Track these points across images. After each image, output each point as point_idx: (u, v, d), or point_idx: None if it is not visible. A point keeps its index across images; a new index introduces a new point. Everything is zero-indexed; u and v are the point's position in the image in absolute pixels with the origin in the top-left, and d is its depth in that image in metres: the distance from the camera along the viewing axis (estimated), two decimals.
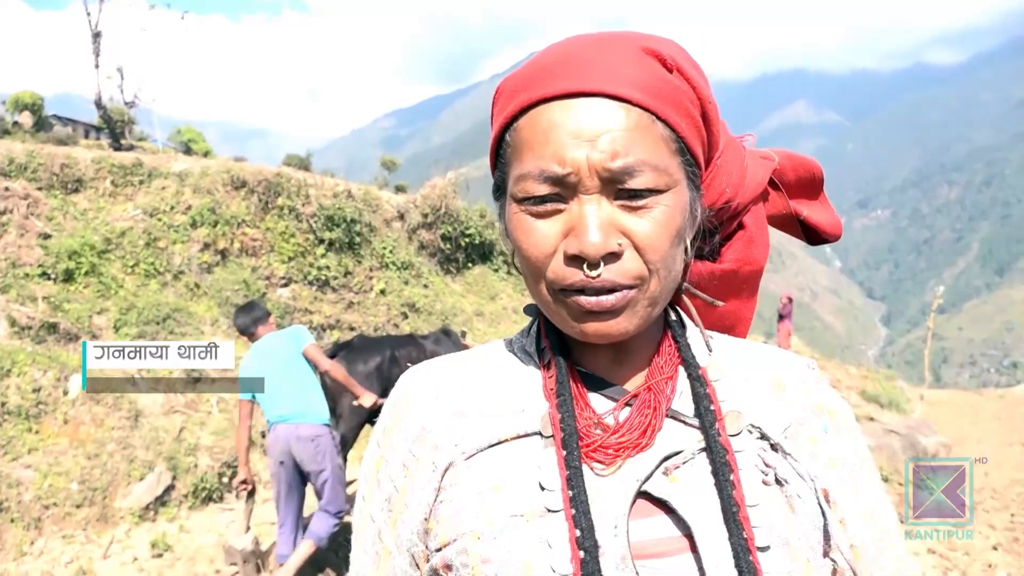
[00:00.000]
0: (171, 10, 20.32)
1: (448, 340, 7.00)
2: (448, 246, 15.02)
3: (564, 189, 0.69)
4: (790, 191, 0.95)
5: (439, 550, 0.75)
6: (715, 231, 0.84)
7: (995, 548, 6.31)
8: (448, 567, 0.74)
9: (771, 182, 0.92)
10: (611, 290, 0.70)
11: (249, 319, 4.86)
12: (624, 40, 0.73)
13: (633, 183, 0.68)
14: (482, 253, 16.08)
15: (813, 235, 0.98)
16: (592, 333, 0.72)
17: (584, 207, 0.69)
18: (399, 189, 21.60)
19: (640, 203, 0.69)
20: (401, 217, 14.70)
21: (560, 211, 0.70)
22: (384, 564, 0.81)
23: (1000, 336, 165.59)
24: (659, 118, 0.70)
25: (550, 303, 0.74)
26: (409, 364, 5.04)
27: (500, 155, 0.77)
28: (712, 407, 0.75)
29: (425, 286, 13.88)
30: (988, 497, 8.10)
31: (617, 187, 0.69)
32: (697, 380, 0.77)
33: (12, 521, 5.89)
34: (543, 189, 0.70)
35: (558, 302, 0.73)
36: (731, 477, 0.71)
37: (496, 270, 16.25)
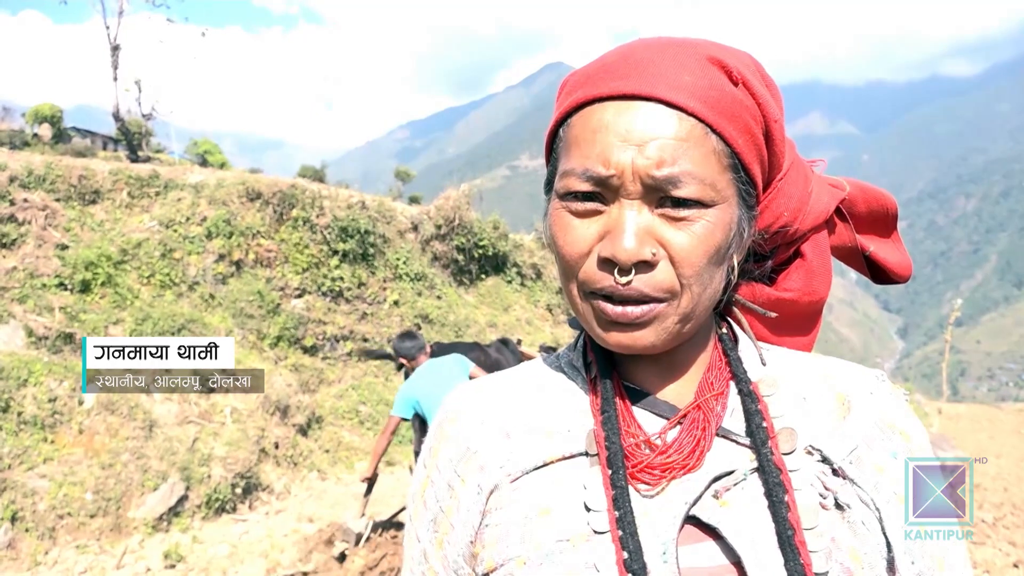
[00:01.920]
0: (188, 24, 20.55)
1: (507, 349, 7.26)
2: (462, 257, 15.04)
3: (606, 191, 0.68)
4: (859, 224, 0.90)
5: (490, 572, 0.73)
6: (768, 255, 0.82)
7: (1016, 566, 6.21)
8: None
9: (839, 212, 0.88)
10: (639, 300, 0.68)
11: (416, 346, 5.52)
12: (691, 47, 0.71)
13: (677, 193, 0.66)
14: (495, 264, 16.08)
15: (879, 273, 0.93)
16: (614, 343, 0.71)
17: (623, 211, 0.67)
18: (413, 200, 21.67)
19: (682, 214, 0.67)
20: (415, 228, 14.74)
21: (600, 212, 0.69)
22: None
23: (1019, 349, 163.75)
24: (714, 130, 0.68)
25: (579, 304, 0.73)
26: (479, 368, 5.45)
27: (553, 150, 0.76)
28: (764, 424, 0.72)
29: (439, 297, 13.90)
30: (1008, 513, 7.98)
31: (660, 196, 0.67)
32: (748, 396, 0.74)
33: (27, 531, 5.92)
34: (585, 187, 0.68)
35: (587, 305, 0.71)
36: (785, 498, 0.68)
37: (509, 281, 16.25)
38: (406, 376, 5.60)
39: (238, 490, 7.36)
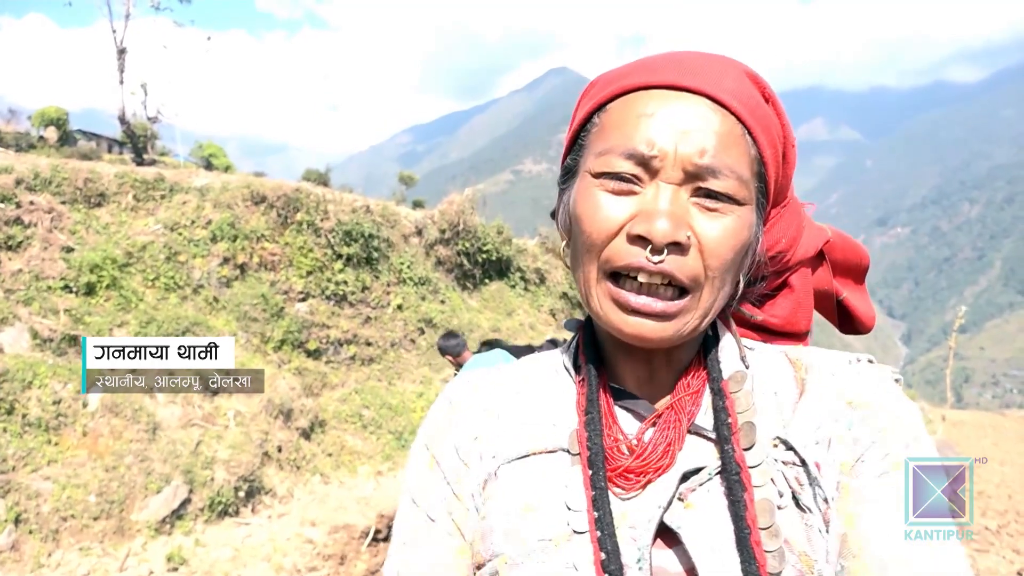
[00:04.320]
0: (194, 27, 20.62)
1: (555, 348, 7.41)
2: (465, 262, 15.05)
3: (645, 171, 0.69)
4: (834, 270, 0.94)
5: (479, 567, 0.76)
6: (760, 280, 0.84)
7: (1020, 574, 6.19)
8: None
9: (819, 255, 0.91)
10: (660, 295, 0.69)
11: (460, 344, 5.90)
12: (729, 60, 0.75)
13: (714, 184, 0.68)
14: (499, 269, 16.08)
15: (845, 320, 0.97)
16: (632, 332, 0.70)
17: (660, 192, 0.68)
18: (417, 205, 21.71)
19: (715, 206, 0.69)
20: (418, 233, 14.76)
21: (634, 193, 0.70)
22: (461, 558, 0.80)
23: (1023, 356, 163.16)
24: (750, 134, 0.71)
25: (593, 287, 0.72)
26: None
27: (580, 138, 0.77)
28: (729, 420, 0.72)
29: (442, 302, 13.90)
30: (1012, 520, 7.95)
31: (697, 184, 0.68)
32: (717, 393, 0.74)
33: (30, 533, 5.92)
34: (625, 166, 0.69)
35: (602, 286, 0.71)
36: (744, 496, 0.68)
37: (513, 286, 16.25)
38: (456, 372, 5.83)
39: (241, 493, 7.36)
